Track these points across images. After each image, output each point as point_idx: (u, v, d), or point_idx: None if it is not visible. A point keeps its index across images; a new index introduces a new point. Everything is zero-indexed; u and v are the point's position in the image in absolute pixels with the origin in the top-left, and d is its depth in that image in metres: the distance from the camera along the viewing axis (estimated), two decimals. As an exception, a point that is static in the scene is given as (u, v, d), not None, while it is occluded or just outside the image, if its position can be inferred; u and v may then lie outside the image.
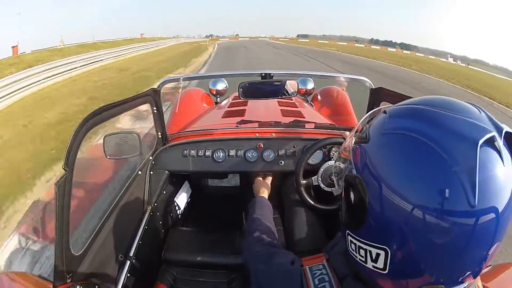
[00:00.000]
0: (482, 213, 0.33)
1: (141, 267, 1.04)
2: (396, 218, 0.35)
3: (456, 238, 0.33)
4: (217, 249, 1.31)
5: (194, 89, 2.51)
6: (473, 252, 0.35)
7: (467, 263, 0.36)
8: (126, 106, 0.95)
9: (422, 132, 0.34)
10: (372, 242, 0.38)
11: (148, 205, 1.20)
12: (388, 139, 0.37)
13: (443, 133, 0.34)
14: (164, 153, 1.27)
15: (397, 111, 0.39)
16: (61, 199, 0.62)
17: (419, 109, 0.37)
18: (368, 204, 0.37)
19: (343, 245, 0.57)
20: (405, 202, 0.34)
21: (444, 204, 0.32)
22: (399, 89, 1.14)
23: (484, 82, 11.98)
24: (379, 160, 0.37)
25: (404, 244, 0.35)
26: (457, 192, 0.32)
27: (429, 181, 0.33)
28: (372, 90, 1.20)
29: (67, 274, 0.67)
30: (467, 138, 0.33)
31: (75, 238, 0.75)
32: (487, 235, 0.34)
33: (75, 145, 0.67)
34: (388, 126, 0.38)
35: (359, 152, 0.40)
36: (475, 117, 0.35)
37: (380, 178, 0.36)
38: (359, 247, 0.40)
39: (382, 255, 0.37)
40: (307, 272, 0.51)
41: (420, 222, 0.34)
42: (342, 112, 2.14)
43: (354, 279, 0.46)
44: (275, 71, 1.26)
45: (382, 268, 0.38)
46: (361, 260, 0.41)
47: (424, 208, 0.33)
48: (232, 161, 1.26)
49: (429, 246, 0.35)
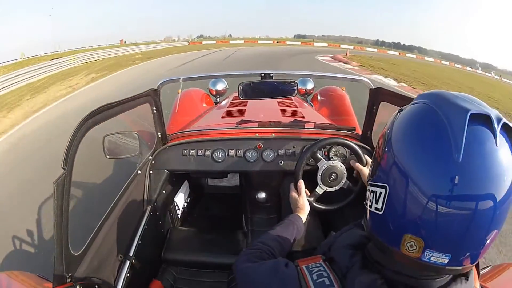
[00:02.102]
0: (476, 199, 0.38)
1: (140, 267, 1.04)
2: (398, 159, 0.44)
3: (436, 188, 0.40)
4: (216, 249, 1.31)
5: (193, 89, 2.50)
6: (458, 218, 0.40)
7: (452, 231, 0.40)
8: (126, 106, 0.95)
9: (435, 103, 0.44)
10: (378, 182, 0.47)
11: (147, 204, 1.20)
12: (411, 106, 0.48)
13: (451, 106, 0.42)
14: (163, 153, 1.27)
15: (425, 92, 0.49)
16: (60, 199, 0.62)
17: (442, 92, 0.47)
18: (385, 150, 0.47)
19: (343, 239, 0.59)
20: (404, 151, 0.44)
21: (436, 155, 0.40)
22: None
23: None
24: (400, 119, 0.48)
25: (399, 180, 0.43)
26: (446, 146, 0.39)
27: (427, 137, 0.42)
28: (372, 90, 1.20)
29: (66, 274, 0.67)
30: (465, 109, 0.40)
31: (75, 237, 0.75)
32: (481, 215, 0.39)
33: (74, 144, 0.67)
34: (415, 100, 0.49)
35: (396, 116, 0.50)
36: (485, 105, 0.42)
37: (396, 130, 0.47)
38: (371, 191, 0.50)
39: (382, 194, 0.46)
40: (304, 270, 0.53)
41: (412, 165, 0.42)
42: (342, 112, 2.15)
43: (361, 267, 0.49)
44: (275, 71, 1.26)
45: (379, 209, 0.47)
46: (369, 206, 0.50)
47: (418, 156, 0.42)
48: (231, 161, 1.26)
49: (416, 192, 0.42)
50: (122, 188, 1.04)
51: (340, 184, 1.10)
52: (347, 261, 0.52)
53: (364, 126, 1.28)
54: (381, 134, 0.52)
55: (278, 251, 0.74)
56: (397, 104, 1.06)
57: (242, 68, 10.47)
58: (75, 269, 0.72)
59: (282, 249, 0.77)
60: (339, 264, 0.53)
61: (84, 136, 0.71)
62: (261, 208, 1.48)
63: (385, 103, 1.15)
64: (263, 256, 0.69)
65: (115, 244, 0.95)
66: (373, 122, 1.24)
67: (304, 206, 0.98)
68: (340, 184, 1.10)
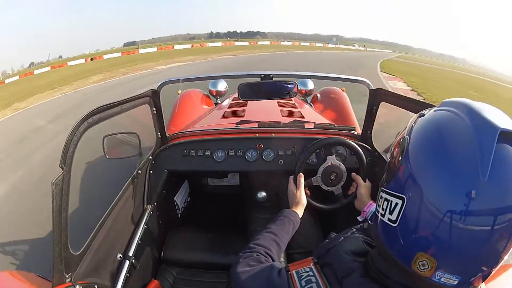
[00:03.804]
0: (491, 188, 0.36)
1: (140, 267, 1.04)
2: (418, 171, 0.42)
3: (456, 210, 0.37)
4: (216, 249, 1.30)
5: (193, 90, 2.51)
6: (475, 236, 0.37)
7: (467, 254, 0.38)
8: (125, 106, 0.95)
9: (464, 113, 0.41)
10: (395, 192, 0.44)
11: (147, 204, 1.20)
12: (435, 113, 0.46)
13: (480, 120, 0.39)
14: (164, 153, 1.27)
15: (451, 100, 0.47)
16: (58, 198, 0.62)
17: (465, 100, 0.45)
18: (404, 158, 0.44)
19: (344, 244, 0.58)
20: (425, 162, 0.41)
21: (461, 172, 0.38)
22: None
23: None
24: (422, 126, 0.45)
25: (417, 195, 0.41)
26: (472, 163, 0.37)
27: (453, 152, 0.39)
28: (372, 91, 1.20)
29: (66, 274, 0.67)
30: (494, 126, 0.38)
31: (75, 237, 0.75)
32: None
33: (72, 144, 0.66)
34: (440, 106, 0.47)
35: (415, 121, 0.48)
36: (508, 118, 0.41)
37: (417, 138, 0.44)
38: (385, 200, 0.47)
39: (398, 205, 0.43)
40: (294, 276, 0.54)
41: (433, 182, 0.39)
42: (341, 112, 2.15)
43: (362, 275, 0.48)
44: (275, 72, 1.27)
45: (394, 221, 0.44)
46: (382, 215, 0.47)
47: (441, 171, 0.39)
48: (232, 160, 1.26)
49: (434, 209, 0.39)
50: (122, 188, 1.04)
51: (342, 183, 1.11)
52: (346, 266, 0.51)
53: (364, 126, 1.28)
54: (398, 139, 0.49)
55: (275, 251, 0.74)
56: (397, 104, 1.06)
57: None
58: (74, 268, 0.72)
59: (279, 248, 0.77)
60: (335, 268, 0.52)
61: (82, 135, 0.71)
62: (261, 207, 1.48)
63: (385, 103, 1.15)
64: (260, 259, 0.68)
65: (115, 244, 0.95)
66: (373, 122, 1.24)
67: (301, 201, 0.97)
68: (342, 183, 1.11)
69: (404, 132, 0.49)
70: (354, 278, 0.48)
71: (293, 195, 1.00)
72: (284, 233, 0.81)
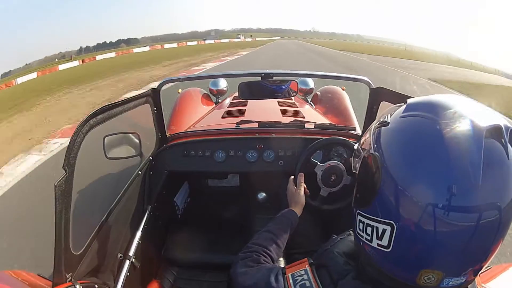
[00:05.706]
0: (484, 209, 0.35)
1: (140, 267, 1.04)
2: (405, 191, 0.37)
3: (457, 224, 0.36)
4: (216, 249, 1.30)
5: (193, 89, 2.50)
6: (477, 241, 0.37)
7: (470, 252, 0.38)
8: (126, 106, 0.95)
9: (432, 115, 0.38)
10: (380, 218, 0.40)
11: (147, 204, 1.20)
12: (403, 120, 0.42)
13: (453, 117, 0.37)
14: (164, 153, 1.27)
15: (416, 100, 0.44)
16: (60, 200, 0.62)
17: (434, 98, 0.42)
18: (382, 179, 0.40)
19: (338, 245, 0.57)
20: (413, 178, 0.37)
21: (454, 181, 0.35)
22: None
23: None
24: (394, 138, 0.41)
25: (410, 218, 0.37)
26: (462, 171, 0.35)
27: (436, 159, 0.36)
28: (372, 90, 1.20)
29: (66, 273, 0.67)
30: (478, 128, 0.36)
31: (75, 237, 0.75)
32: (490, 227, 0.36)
33: (75, 146, 0.67)
34: (405, 111, 0.43)
35: (379, 133, 0.44)
36: (484, 108, 0.39)
37: (393, 153, 0.40)
38: (367, 225, 0.42)
39: (387, 231, 0.39)
40: (290, 280, 0.53)
41: (425, 197, 0.36)
42: (342, 111, 2.14)
43: (355, 277, 0.47)
44: (275, 71, 1.26)
45: (386, 246, 0.40)
46: (367, 240, 0.43)
47: (430, 185, 0.36)
48: (232, 161, 1.26)
49: (432, 224, 0.36)
50: (123, 188, 1.04)
51: (343, 182, 1.10)
52: (340, 268, 0.50)
53: (364, 126, 1.28)
54: (362, 156, 0.46)
55: (274, 251, 0.74)
56: (398, 103, 1.06)
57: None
58: (75, 268, 0.72)
59: (278, 247, 0.76)
60: (331, 270, 0.51)
61: (85, 136, 0.71)
62: (261, 208, 1.48)
63: (385, 102, 1.15)
64: (259, 259, 0.68)
65: (115, 244, 0.95)
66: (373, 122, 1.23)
67: (300, 201, 0.97)
68: (343, 182, 1.10)
69: (362, 145, 0.47)
70: (350, 281, 0.47)
71: (292, 194, 1.00)
72: (283, 232, 0.81)
